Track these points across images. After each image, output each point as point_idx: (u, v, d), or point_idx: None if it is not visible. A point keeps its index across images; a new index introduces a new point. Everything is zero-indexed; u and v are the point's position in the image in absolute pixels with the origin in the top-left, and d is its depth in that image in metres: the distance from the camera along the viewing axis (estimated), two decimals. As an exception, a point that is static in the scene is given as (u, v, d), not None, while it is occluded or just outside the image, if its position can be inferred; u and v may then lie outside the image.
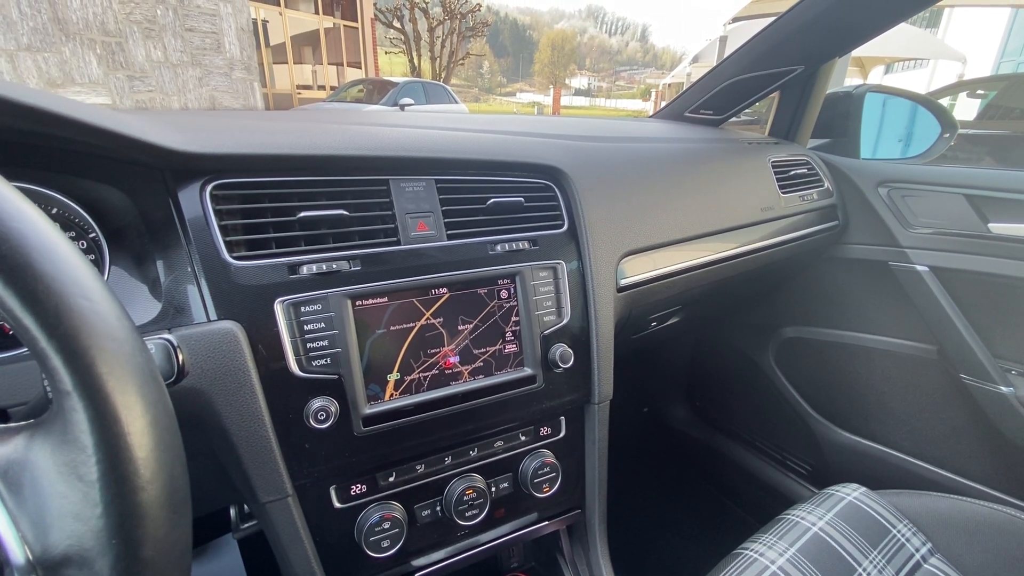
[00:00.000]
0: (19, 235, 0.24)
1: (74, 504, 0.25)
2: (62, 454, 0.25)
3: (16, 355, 0.46)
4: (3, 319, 0.24)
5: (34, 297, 0.24)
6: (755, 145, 1.13)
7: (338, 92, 10.05)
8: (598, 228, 0.75)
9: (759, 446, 1.50)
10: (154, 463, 0.26)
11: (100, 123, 0.45)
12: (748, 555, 0.73)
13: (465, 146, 0.70)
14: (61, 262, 0.25)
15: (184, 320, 0.51)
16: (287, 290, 0.54)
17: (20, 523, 0.25)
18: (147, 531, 0.25)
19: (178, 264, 0.52)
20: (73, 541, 0.25)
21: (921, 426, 1.18)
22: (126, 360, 0.26)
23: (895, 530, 0.77)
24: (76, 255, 0.26)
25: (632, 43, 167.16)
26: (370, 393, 0.59)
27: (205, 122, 0.60)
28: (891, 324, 1.20)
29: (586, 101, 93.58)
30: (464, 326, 0.64)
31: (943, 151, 1.25)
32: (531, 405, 0.70)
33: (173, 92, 5.91)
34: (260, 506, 0.55)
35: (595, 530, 0.82)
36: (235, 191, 0.55)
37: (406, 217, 0.62)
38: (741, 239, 0.99)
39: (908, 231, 1.11)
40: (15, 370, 0.45)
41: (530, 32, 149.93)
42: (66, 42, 5.02)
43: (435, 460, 0.67)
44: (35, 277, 0.24)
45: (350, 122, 0.72)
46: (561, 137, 0.83)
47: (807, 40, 1.04)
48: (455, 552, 0.71)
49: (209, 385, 0.49)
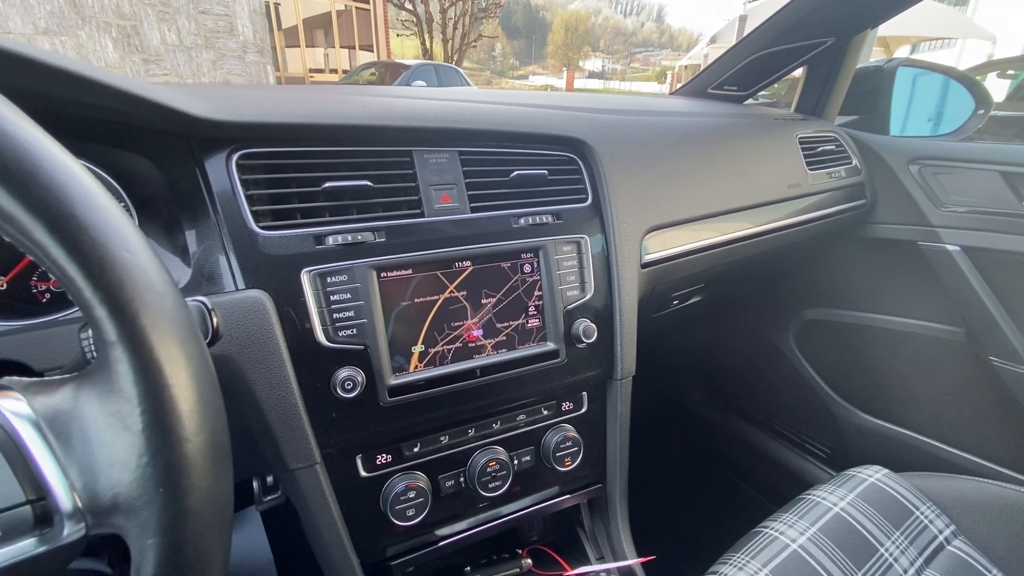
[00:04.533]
0: (63, 186, 0.24)
1: (121, 453, 0.25)
2: (109, 404, 0.25)
3: (52, 319, 0.47)
4: (48, 267, 0.24)
5: (79, 247, 0.24)
6: (781, 121, 1.10)
7: (350, 75, 10.00)
8: (622, 202, 0.74)
9: (777, 429, 1.49)
10: (198, 416, 0.26)
11: (129, 88, 0.45)
12: (769, 533, 0.73)
13: (489, 117, 0.69)
14: (104, 214, 0.25)
15: (214, 288, 0.51)
16: (313, 260, 0.54)
17: (69, 471, 0.26)
18: (192, 482, 0.26)
19: (207, 233, 0.52)
20: (120, 489, 0.25)
21: (946, 409, 1.16)
22: (168, 314, 0.26)
23: (918, 512, 0.76)
24: (117, 209, 0.26)
25: (648, 24, 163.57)
26: (395, 364, 0.59)
27: (230, 92, 0.60)
28: (917, 306, 1.17)
29: (600, 84, 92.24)
30: (487, 300, 0.64)
31: (977, 127, 1.21)
32: (553, 379, 0.70)
33: (188, 75, 5.94)
34: (289, 473, 0.56)
35: (616, 505, 0.82)
36: (261, 160, 0.55)
37: (430, 189, 0.62)
38: (767, 216, 0.97)
39: (939, 210, 1.08)
40: (50, 335, 0.46)
41: (543, 13, 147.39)
42: (82, 25, 5.06)
43: (459, 432, 0.67)
44: (79, 227, 0.24)
45: (373, 95, 0.71)
46: (585, 111, 0.82)
47: (838, 10, 1.00)
48: (477, 523, 0.72)
49: (239, 352, 0.50)
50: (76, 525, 0.26)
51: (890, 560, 0.70)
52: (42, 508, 0.25)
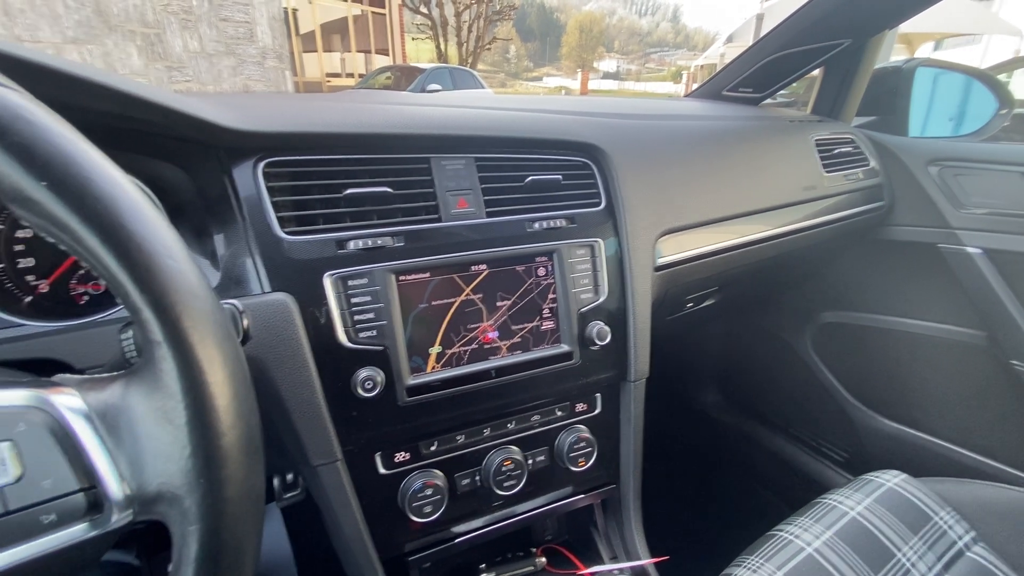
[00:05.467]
0: (113, 198, 0.26)
1: (165, 446, 0.27)
2: (154, 400, 0.27)
3: (92, 320, 0.50)
4: (100, 272, 0.26)
5: (128, 255, 0.26)
6: (797, 123, 1.10)
7: (366, 79, 10.11)
8: (636, 206, 0.75)
9: (793, 432, 1.48)
10: (234, 412, 0.28)
11: (162, 101, 0.47)
12: (784, 537, 0.72)
13: (503, 124, 0.70)
14: (150, 224, 0.27)
15: (241, 291, 0.54)
16: (335, 264, 0.56)
17: (119, 462, 0.28)
18: (229, 472, 0.27)
19: (234, 238, 0.55)
20: (165, 479, 0.27)
21: (966, 413, 1.14)
22: (207, 317, 0.28)
23: (937, 517, 0.75)
24: (160, 219, 0.28)
25: (663, 24, 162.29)
26: (413, 365, 0.61)
27: (255, 103, 0.63)
28: (937, 309, 1.15)
29: (615, 85, 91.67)
30: (503, 302, 0.65)
31: (1000, 128, 1.19)
32: (567, 381, 0.71)
33: (209, 82, 6.07)
34: (311, 469, 0.58)
35: (630, 505, 0.82)
36: (286, 168, 0.57)
37: (447, 195, 0.64)
38: (782, 219, 0.97)
39: (960, 212, 1.07)
40: (90, 335, 0.48)
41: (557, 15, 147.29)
42: (109, 34, 5.20)
43: (475, 431, 0.69)
44: (129, 236, 0.26)
45: (391, 102, 0.73)
46: (598, 115, 0.83)
47: (856, 10, 1.00)
48: (492, 521, 0.74)
49: (266, 353, 0.52)
50: (124, 512, 0.28)
51: (907, 566, 0.70)
52: (94, 496, 0.27)
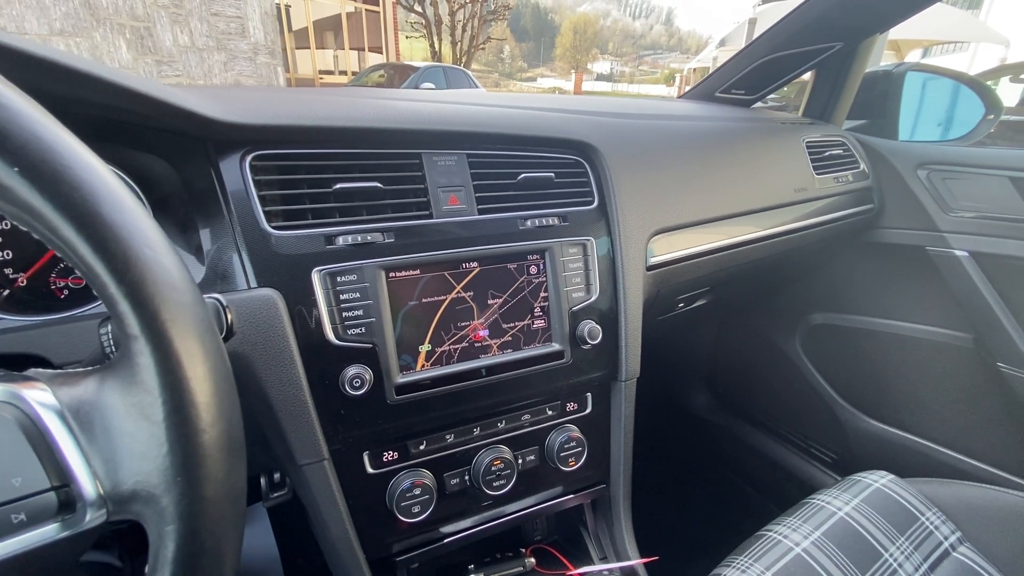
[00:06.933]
0: (89, 186, 0.25)
1: (141, 443, 0.26)
2: (130, 395, 0.26)
3: (70, 315, 0.49)
4: (74, 263, 0.25)
5: (104, 245, 0.25)
6: (789, 125, 1.10)
7: (359, 77, 10.06)
8: (628, 205, 0.75)
9: (782, 433, 1.49)
10: (214, 408, 0.27)
11: (147, 90, 0.46)
12: (772, 536, 0.73)
13: (497, 121, 0.70)
14: (127, 213, 0.26)
15: (227, 286, 0.53)
16: (324, 260, 0.55)
17: (92, 460, 0.27)
18: (208, 471, 0.26)
19: (220, 232, 0.54)
20: (140, 478, 0.26)
21: (953, 415, 1.15)
22: (187, 310, 0.27)
23: (923, 517, 0.76)
24: (139, 208, 0.27)
25: (656, 26, 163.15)
26: (402, 363, 0.60)
27: (244, 95, 0.61)
28: (925, 311, 1.17)
29: (608, 86, 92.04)
30: (494, 300, 0.65)
31: (988, 132, 1.20)
32: (558, 380, 0.71)
33: (199, 76, 5.99)
34: (297, 468, 0.57)
35: (619, 505, 0.82)
36: (273, 162, 0.56)
37: (438, 191, 0.63)
38: (773, 220, 0.97)
39: (948, 215, 1.08)
40: (69, 330, 0.47)
41: (552, 16, 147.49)
42: (97, 27, 5.12)
43: (464, 431, 0.68)
44: (105, 225, 0.25)
45: (383, 97, 0.72)
46: (592, 114, 0.83)
47: (848, 14, 1.01)
48: (482, 521, 0.73)
49: (251, 349, 0.51)
50: (97, 512, 0.27)
51: (894, 566, 0.70)
52: (66, 494, 0.26)
